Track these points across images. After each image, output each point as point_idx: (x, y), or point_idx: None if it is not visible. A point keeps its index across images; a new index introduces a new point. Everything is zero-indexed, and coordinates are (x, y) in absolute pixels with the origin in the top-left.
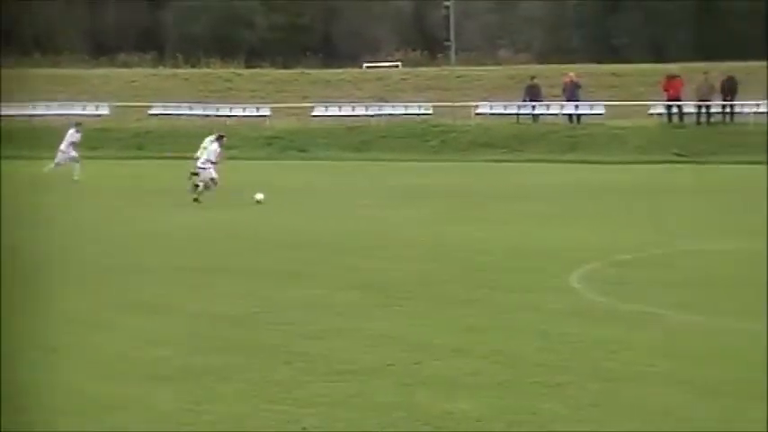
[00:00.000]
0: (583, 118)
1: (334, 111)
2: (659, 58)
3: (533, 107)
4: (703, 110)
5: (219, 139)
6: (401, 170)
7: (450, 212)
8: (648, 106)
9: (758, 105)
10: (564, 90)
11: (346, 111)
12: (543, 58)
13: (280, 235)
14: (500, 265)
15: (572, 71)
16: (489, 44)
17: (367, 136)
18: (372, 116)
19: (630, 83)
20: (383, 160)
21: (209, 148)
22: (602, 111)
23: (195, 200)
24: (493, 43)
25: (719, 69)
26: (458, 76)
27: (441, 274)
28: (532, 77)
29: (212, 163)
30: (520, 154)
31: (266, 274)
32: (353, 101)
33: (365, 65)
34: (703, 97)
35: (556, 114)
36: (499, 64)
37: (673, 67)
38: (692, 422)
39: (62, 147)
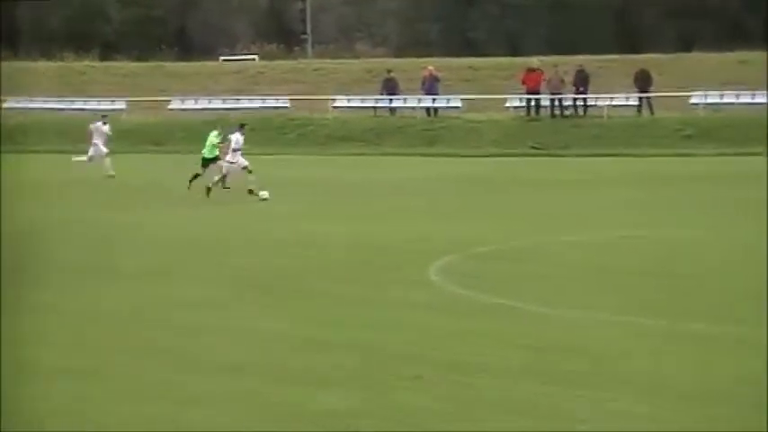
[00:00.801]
0: (440, 111)
1: (190, 104)
2: (515, 51)
3: (390, 100)
4: (556, 103)
5: (241, 128)
6: (259, 163)
7: (309, 207)
8: (504, 99)
9: (612, 99)
10: (423, 83)
11: (203, 104)
12: (400, 52)
13: (140, 233)
14: (359, 259)
15: (430, 65)
16: (346, 37)
17: (224, 129)
18: (230, 109)
19: (486, 76)
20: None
21: (232, 139)
22: (459, 104)
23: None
24: (350, 36)
25: (573, 63)
26: (315, 70)
27: (300, 269)
28: (389, 71)
29: (234, 152)
30: (378, 147)
31: (132, 273)
32: (210, 94)
33: (222, 58)
34: (554, 90)
35: (413, 108)
36: (356, 57)
37: (532, 61)
38: (552, 414)
39: (95, 140)
